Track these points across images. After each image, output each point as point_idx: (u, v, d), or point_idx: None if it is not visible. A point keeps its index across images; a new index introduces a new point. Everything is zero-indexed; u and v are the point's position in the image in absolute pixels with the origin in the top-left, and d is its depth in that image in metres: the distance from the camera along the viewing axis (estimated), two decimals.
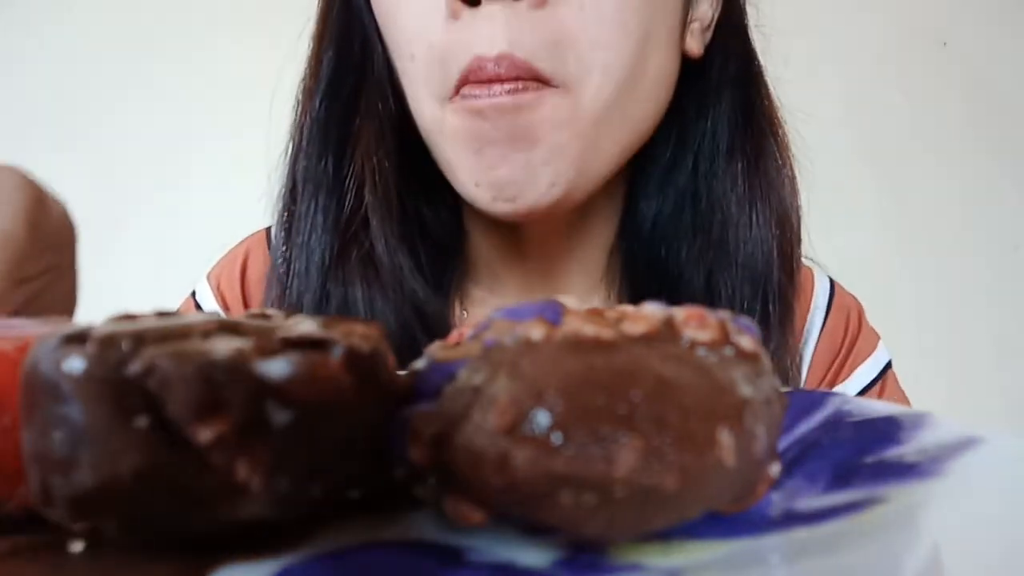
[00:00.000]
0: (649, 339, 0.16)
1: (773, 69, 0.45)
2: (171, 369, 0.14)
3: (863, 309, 0.51)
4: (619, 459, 0.14)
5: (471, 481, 0.15)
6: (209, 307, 0.47)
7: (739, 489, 0.16)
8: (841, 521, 0.16)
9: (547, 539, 0.16)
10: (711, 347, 0.16)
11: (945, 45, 1.10)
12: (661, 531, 0.16)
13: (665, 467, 0.14)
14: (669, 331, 0.16)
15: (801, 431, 0.21)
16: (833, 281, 0.50)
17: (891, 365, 0.49)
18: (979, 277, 1.09)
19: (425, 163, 0.40)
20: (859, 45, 1.07)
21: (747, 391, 0.15)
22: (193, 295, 0.48)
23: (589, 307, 0.18)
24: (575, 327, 0.16)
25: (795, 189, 0.44)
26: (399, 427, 0.16)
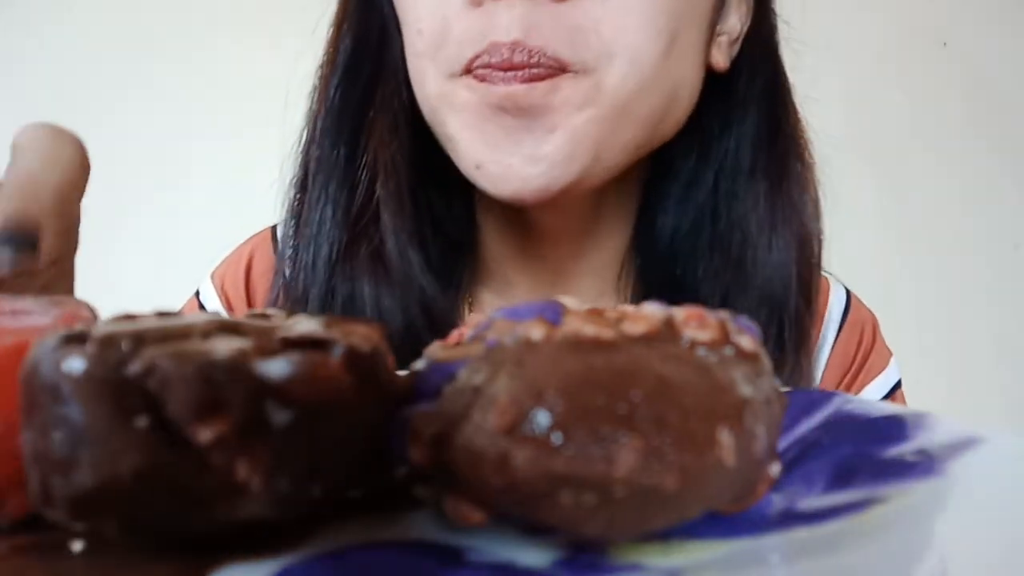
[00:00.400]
0: (649, 339, 0.16)
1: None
2: (171, 369, 0.14)
3: (878, 324, 0.50)
4: (619, 459, 0.14)
5: (471, 481, 0.15)
6: (213, 307, 0.46)
7: (739, 489, 0.16)
8: (841, 521, 0.16)
9: (547, 539, 0.16)
10: (711, 347, 0.16)
11: (945, 45, 1.10)
12: (661, 531, 0.16)
13: (665, 467, 0.14)
14: (669, 331, 0.16)
15: (801, 431, 0.21)
16: (850, 293, 0.49)
17: (900, 384, 0.48)
18: (979, 276, 1.09)
19: (439, 157, 0.39)
20: (859, 45, 1.07)
21: (747, 391, 0.15)
22: (197, 295, 0.47)
23: (589, 307, 0.18)
24: (575, 327, 0.16)
25: (818, 213, 0.43)
26: (399, 427, 0.16)
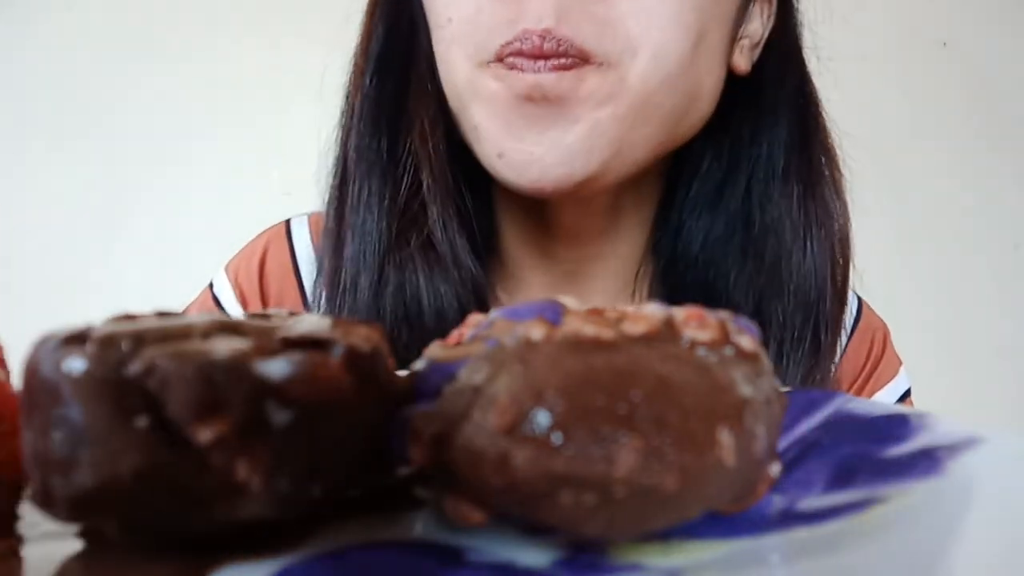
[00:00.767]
0: (649, 339, 0.16)
1: None
2: (171, 369, 0.14)
3: (889, 333, 0.50)
4: (619, 459, 0.14)
5: (471, 481, 0.15)
6: (227, 299, 0.46)
7: (739, 489, 0.16)
8: (841, 521, 0.16)
9: (547, 539, 0.16)
10: (711, 347, 0.16)
11: (945, 45, 1.10)
12: (661, 531, 0.16)
13: (665, 467, 0.14)
14: (669, 331, 0.16)
15: (801, 431, 0.21)
16: (861, 301, 0.49)
17: (910, 393, 0.48)
18: (979, 276, 1.09)
19: (468, 152, 0.40)
20: (859, 45, 1.07)
21: (747, 391, 0.15)
22: (211, 287, 0.48)
23: (589, 307, 0.18)
24: (575, 327, 0.16)
25: (848, 216, 0.43)
26: (399, 427, 0.16)
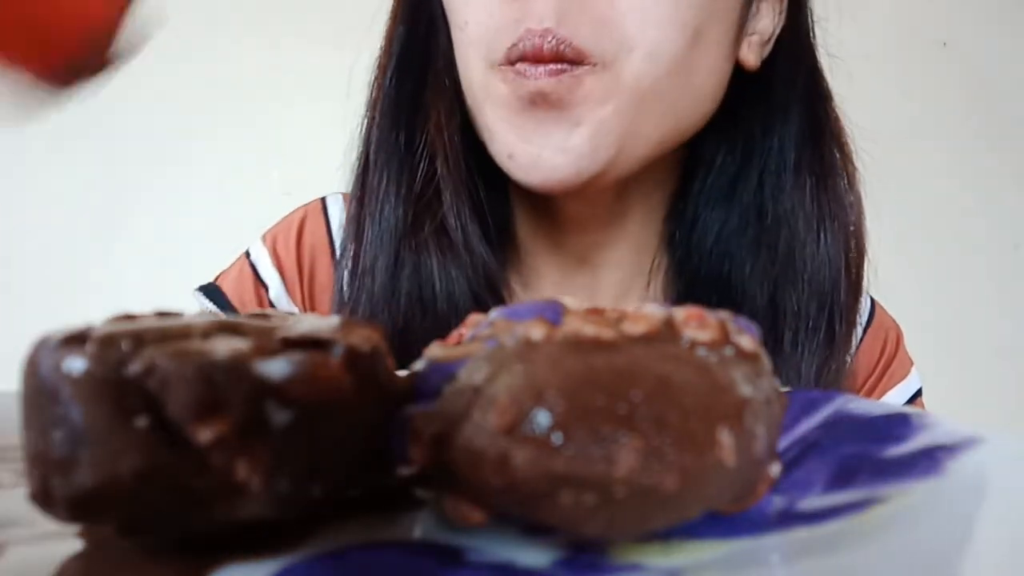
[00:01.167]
0: (649, 339, 0.16)
1: None
2: (171, 369, 0.14)
3: (902, 333, 0.50)
4: (619, 459, 0.14)
5: (471, 481, 0.15)
6: (264, 267, 0.48)
7: (739, 489, 0.16)
8: (841, 521, 0.16)
9: (547, 539, 0.16)
10: (711, 347, 0.16)
11: (945, 45, 1.10)
12: (661, 531, 0.16)
13: (665, 467, 0.14)
14: (669, 331, 0.16)
15: (801, 431, 0.21)
16: (874, 301, 0.50)
17: (921, 393, 0.49)
18: (979, 276, 1.09)
19: (481, 148, 0.41)
20: (859, 45, 1.07)
21: (747, 391, 0.15)
22: (247, 255, 0.49)
23: (589, 307, 0.18)
24: (575, 327, 0.16)
25: (862, 208, 0.44)
26: (399, 427, 0.16)
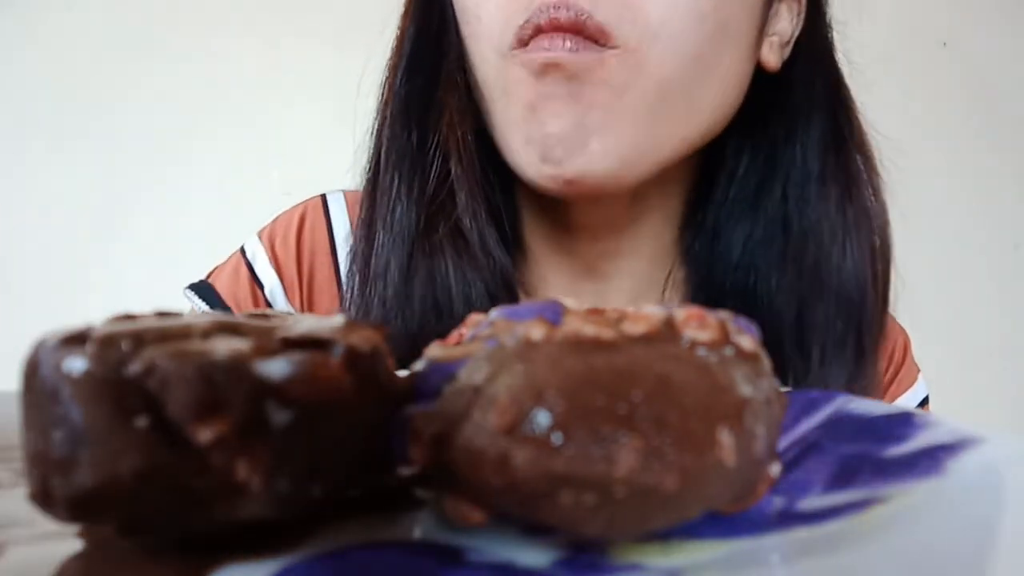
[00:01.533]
0: (649, 339, 0.16)
1: None
2: (171, 369, 0.14)
3: (909, 341, 0.49)
4: (619, 459, 0.14)
5: (471, 481, 0.15)
6: (261, 264, 0.47)
7: (739, 489, 0.16)
8: (841, 521, 0.16)
9: (547, 539, 0.16)
10: (711, 347, 0.16)
11: (945, 45, 1.10)
12: (661, 531, 0.16)
13: (665, 467, 0.14)
14: (669, 331, 0.16)
15: (801, 431, 0.21)
16: None
17: (928, 401, 0.48)
18: (979, 276, 1.09)
19: (494, 151, 0.40)
20: (859, 45, 1.07)
21: (747, 391, 0.15)
22: (243, 252, 0.48)
23: (589, 307, 0.18)
24: (575, 327, 0.16)
25: (887, 218, 0.43)
26: (399, 427, 0.16)
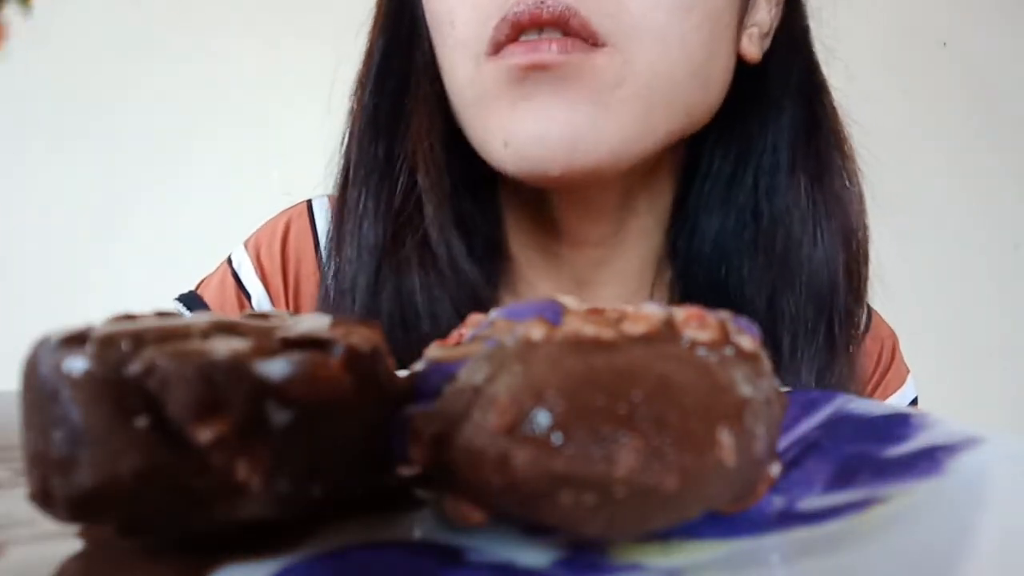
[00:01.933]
0: (649, 339, 0.16)
1: None
2: (171, 369, 0.14)
3: (898, 342, 0.49)
4: (619, 459, 0.14)
5: (471, 481, 0.15)
6: (247, 273, 0.46)
7: (739, 489, 0.16)
8: (841, 521, 0.16)
9: (547, 539, 0.16)
10: (711, 347, 0.16)
11: (945, 45, 1.10)
12: (661, 531, 0.16)
13: (665, 467, 0.14)
14: (669, 331, 0.16)
15: (801, 431, 0.21)
16: (870, 308, 0.49)
17: (917, 402, 0.48)
18: (979, 276, 1.09)
19: (469, 159, 0.39)
20: (859, 45, 1.07)
21: (747, 391, 0.15)
22: (229, 261, 0.47)
23: (589, 307, 0.18)
24: (575, 327, 0.16)
25: (863, 206, 0.43)
26: (399, 427, 0.16)
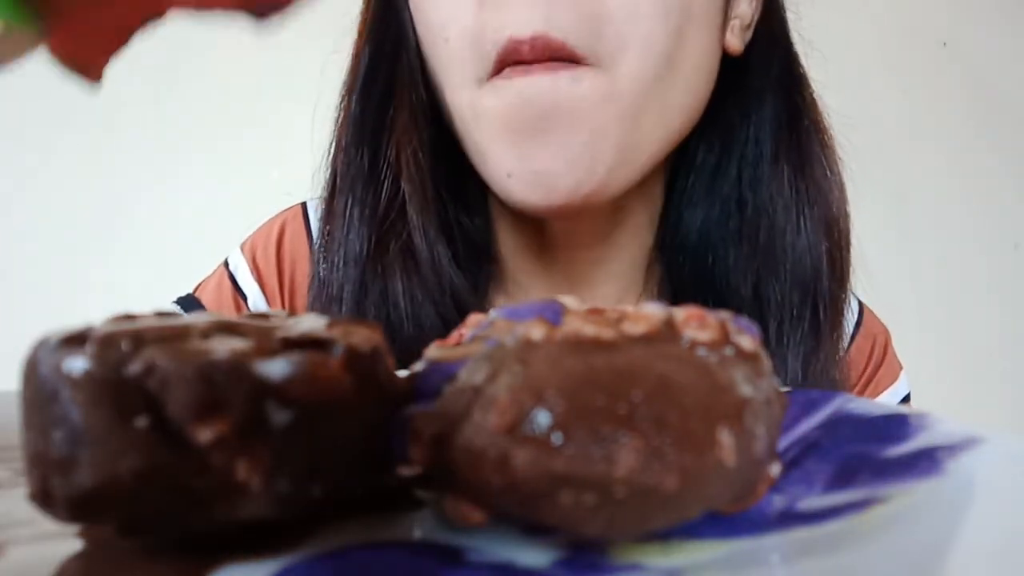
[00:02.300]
0: (649, 339, 0.16)
1: None
2: (171, 369, 0.14)
3: (890, 338, 0.50)
4: (619, 459, 0.14)
5: (471, 481, 0.15)
6: (243, 276, 0.46)
7: (739, 489, 0.16)
8: (841, 521, 0.16)
9: (547, 539, 0.16)
10: (711, 347, 0.16)
11: (945, 45, 1.10)
12: (661, 531, 0.16)
13: (665, 467, 0.14)
14: (669, 331, 0.16)
15: (801, 431, 0.21)
16: (862, 305, 0.50)
17: (909, 398, 0.48)
18: (979, 276, 1.09)
19: (458, 164, 0.40)
20: (859, 45, 1.07)
21: (747, 391, 0.15)
22: (226, 264, 0.47)
23: (589, 307, 0.18)
24: (575, 327, 0.16)
25: (844, 194, 0.43)
26: (399, 427, 0.16)
